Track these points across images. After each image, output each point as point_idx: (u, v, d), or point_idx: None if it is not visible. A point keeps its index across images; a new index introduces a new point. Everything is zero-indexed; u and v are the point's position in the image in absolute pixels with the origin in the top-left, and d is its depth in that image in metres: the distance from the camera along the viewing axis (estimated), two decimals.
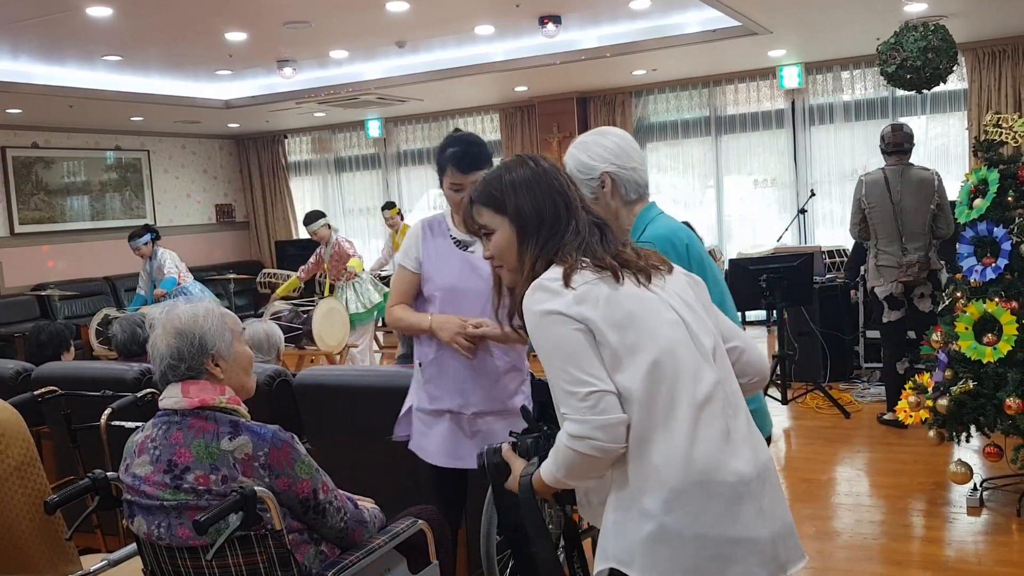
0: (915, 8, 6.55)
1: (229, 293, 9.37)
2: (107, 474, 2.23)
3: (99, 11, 5.86)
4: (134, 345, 4.17)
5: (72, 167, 10.48)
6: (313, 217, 7.52)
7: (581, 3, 6.70)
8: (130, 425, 2.76)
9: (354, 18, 6.59)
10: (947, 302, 4.32)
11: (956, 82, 8.40)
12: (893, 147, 5.57)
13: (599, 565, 1.68)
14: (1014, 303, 3.98)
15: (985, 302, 4.04)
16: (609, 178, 2.21)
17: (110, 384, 3.45)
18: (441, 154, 2.75)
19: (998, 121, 4.17)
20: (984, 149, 4.20)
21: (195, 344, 2.08)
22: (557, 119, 10.17)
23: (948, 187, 5.65)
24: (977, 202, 4.17)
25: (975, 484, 4.23)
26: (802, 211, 8.59)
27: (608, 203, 2.21)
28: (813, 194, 8.73)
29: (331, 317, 7.18)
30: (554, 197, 1.79)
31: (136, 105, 8.97)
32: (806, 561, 1.72)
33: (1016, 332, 3.93)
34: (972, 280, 4.14)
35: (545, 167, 1.84)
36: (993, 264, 4.06)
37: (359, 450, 3.37)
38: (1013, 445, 4.03)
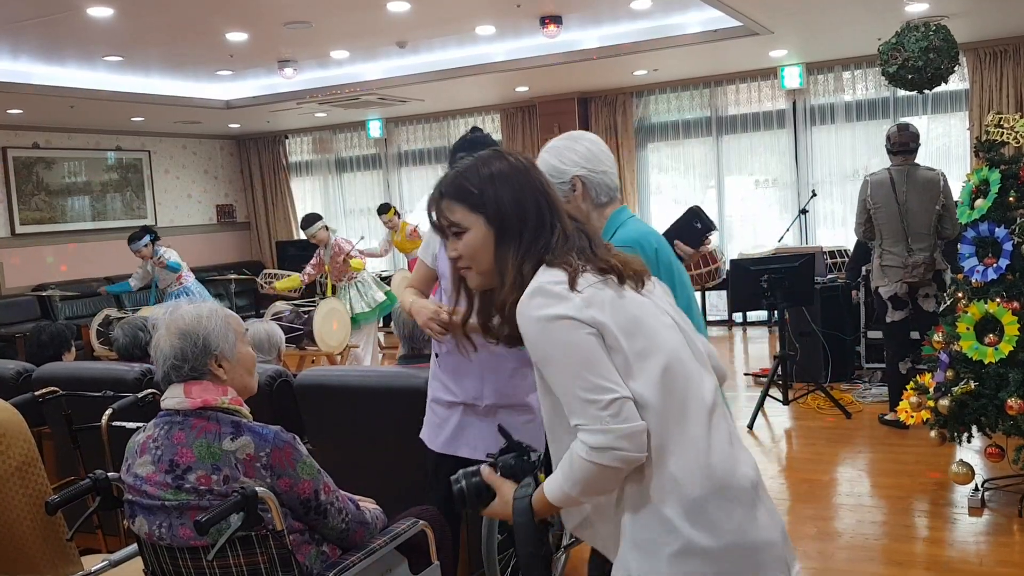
0: (916, 8, 6.55)
1: (230, 293, 9.38)
2: (108, 474, 2.23)
3: (99, 11, 5.87)
4: (136, 349, 4.15)
5: (73, 167, 10.48)
6: (310, 221, 7.49)
7: (582, 3, 6.70)
8: (131, 425, 2.77)
9: (355, 18, 6.59)
10: (949, 302, 4.32)
11: (957, 82, 8.40)
12: (899, 147, 5.54)
13: None
14: (1015, 303, 3.98)
15: (986, 302, 4.04)
16: (580, 182, 2.24)
17: (111, 384, 3.45)
18: (452, 157, 2.77)
19: (999, 121, 4.17)
20: (985, 149, 4.19)
21: (199, 345, 2.08)
22: (558, 119, 10.15)
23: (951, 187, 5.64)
24: (978, 202, 4.16)
25: (977, 485, 4.22)
26: (803, 211, 8.60)
27: (579, 206, 2.23)
28: (814, 194, 8.72)
29: (332, 318, 7.18)
30: (536, 195, 1.65)
31: (137, 105, 8.97)
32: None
33: (1017, 332, 3.93)
34: (973, 280, 4.14)
35: (524, 163, 1.69)
36: (994, 264, 4.06)
37: (360, 450, 3.37)
38: (1014, 445, 4.02)
